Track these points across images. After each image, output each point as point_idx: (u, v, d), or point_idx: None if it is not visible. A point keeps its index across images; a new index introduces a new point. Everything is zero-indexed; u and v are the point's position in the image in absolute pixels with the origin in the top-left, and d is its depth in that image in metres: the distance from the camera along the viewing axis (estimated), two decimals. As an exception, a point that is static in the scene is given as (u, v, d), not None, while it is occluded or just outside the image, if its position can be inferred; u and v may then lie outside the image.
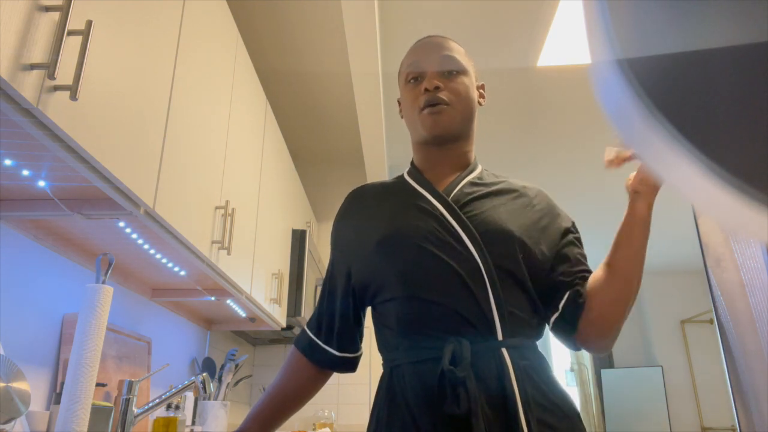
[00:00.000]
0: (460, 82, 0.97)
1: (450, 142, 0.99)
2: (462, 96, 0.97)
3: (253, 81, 2.08)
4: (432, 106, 0.94)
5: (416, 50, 1.01)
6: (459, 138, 0.99)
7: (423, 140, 0.99)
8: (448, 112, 0.95)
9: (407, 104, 1.00)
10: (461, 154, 1.00)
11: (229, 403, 2.33)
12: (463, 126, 0.98)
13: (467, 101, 0.97)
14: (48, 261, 1.38)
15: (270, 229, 2.33)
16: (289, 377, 1.01)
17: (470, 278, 0.85)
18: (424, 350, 0.85)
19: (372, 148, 2.89)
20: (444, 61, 0.97)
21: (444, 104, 0.95)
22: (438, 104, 0.94)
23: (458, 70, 0.98)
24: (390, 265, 0.91)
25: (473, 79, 1.01)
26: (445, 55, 0.98)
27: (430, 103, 0.94)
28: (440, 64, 0.97)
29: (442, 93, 0.95)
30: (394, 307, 0.90)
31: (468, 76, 0.99)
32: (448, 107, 0.95)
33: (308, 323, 1.06)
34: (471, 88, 0.99)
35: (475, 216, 0.91)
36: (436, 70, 0.97)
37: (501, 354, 0.82)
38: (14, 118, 0.82)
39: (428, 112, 0.95)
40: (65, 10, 0.84)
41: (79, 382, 1.14)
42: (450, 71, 0.97)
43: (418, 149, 1.02)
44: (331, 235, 1.07)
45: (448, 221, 0.90)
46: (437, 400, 0.80)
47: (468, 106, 0.98)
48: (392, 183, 1.04)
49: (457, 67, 0.97)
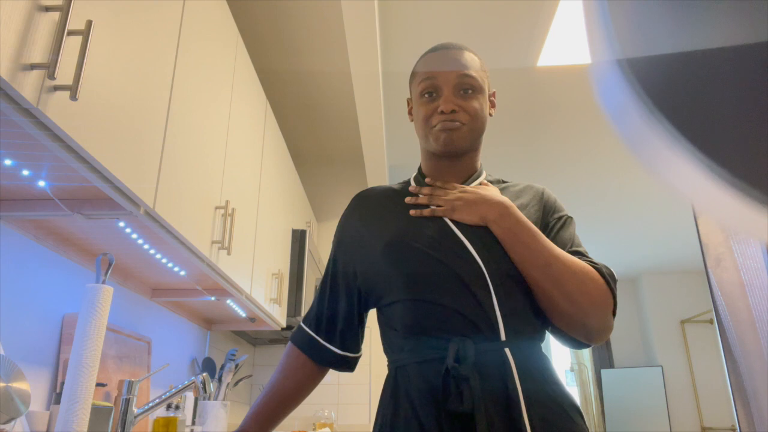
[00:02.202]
0: (476, 101, 0.96)
1: (459, 156, 1.01)
2: (477, 116, 0.97)
3: (253, 81, 2.08)
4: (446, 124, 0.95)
5: (433, 60, 0.99)
6: (469, 152, 1.01)
7: (433, 151, 1.01)
8: (462, 131, 0.96)
9: (420, 116, 1.00)
10: (469, 164, 1.02)
11: (229, 403, 2.33)
12: (473, 142, 0.99)
13: (481, 120, 0.98)
14: (48, 261, 1.38)
15: (270, 229, 2.33)
16: (287, 374, 1.02)
17: (473, 282, 0.87)
18: (429, 350, 0.86)
19: (372, 148, 2.89)
20: (462, 81, 0.96)
21: (459, 124, 0.95)
22: (453, 123, 0.95)
23: (474, 89, 0.97)
24: (395, 269, 0.92)
25: (487, 94, 1.01)
26: (464, 74, 0.96)
27: (446, 125, 0.95)
28: (458, 84, 0.96)
29: (458, 114, 0.95)
30: (399, 310, 0.91)
31: (483, 94, 0.98)
32: (462, 126, 0.95)
33: (305, 320, 1.06)
34: (485, 105, 0.99)
35: None
36: (452, 91, 0.96)
37: (504, 353, 0.84)
38: (14, 118, 0.82)
39: (441, 129, 0.96)
40: (65, 10, 0.84)
41: (79, 382, 1.14)
42: (467, 90, 0.96)
43: (427, 157, 1.04)
44: (335, 234, 1.08)
45: (451, 228, 0.93)
46: (441, 398, 0.82)
47: (481, 124, 0.99)
48: (399, 187, 1.06)
49: (474, 86, 0.96)
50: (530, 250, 0.87)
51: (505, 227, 0.89)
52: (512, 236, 0.89)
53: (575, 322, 0.87)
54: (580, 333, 0.89)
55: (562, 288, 0.86)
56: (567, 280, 0.86)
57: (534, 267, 0.87)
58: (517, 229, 0.89)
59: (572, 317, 0.87)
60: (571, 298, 0.85)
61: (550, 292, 0.86)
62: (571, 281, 0.86)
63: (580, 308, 0.86)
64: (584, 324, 0.87)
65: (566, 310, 0.86)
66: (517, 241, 0.88)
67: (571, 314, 0.86)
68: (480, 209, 0.91)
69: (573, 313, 0.86)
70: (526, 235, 0.88)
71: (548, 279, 0.86)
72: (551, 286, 0.86)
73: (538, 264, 0.87)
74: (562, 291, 0.86)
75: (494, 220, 0.90)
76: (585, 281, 0.86)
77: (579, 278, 0.86)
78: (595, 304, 0.86)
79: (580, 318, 0.86)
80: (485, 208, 0.91)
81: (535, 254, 0.87)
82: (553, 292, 0.86)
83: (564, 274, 0.86)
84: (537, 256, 0.87)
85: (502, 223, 0.89)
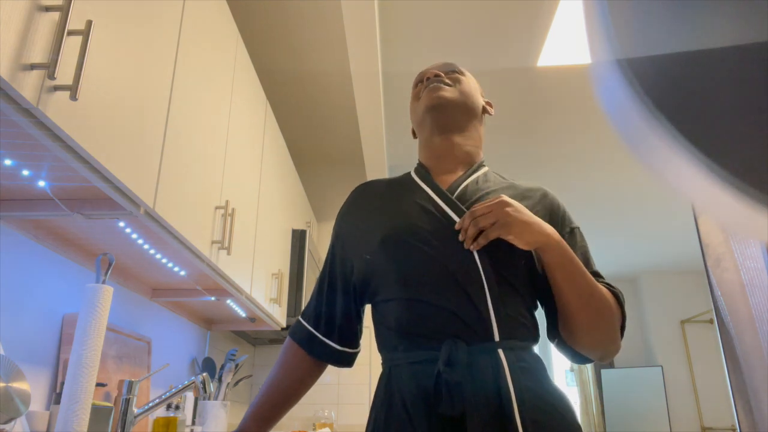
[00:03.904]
0: (464, 80, 1.04)
1: (451, 128, 1.01)
2: (463, 84, 1.03)
3: (253, 81, 2.08)
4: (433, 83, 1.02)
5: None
6: (460, 126, 1.02)
7: (424, 121, 1.03)
8: (448, 89, 1.01)
9: (413, 104, 1.06)
10: (465, 149, 1.02)
11: (229, 403, 2.33)
12: (463, 110, 1.02)
13: (468, 91, 1.03)
14: (48, 261, 1.38)
15: (270, 229, 2.33)
16: (286, 370, 1.01)
17: (468, 281, 0.86)
18: (422, 351, 0.86)
19: (372, 148, 2.89)
20: (448, 67, 1.05)
21: (445, 85, 1.02)
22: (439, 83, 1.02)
23: (460, 71, 1.05)
24: (390, 266, 0.92)
25: (476, 86, 1.08)
26: (450, 64, 1.06)
27: (433, 85, 1.02)
28: (444, 67, 1.06)
29: (444, 78, 1.02)
30: (393, 308, 0.91)
31: (470, 79, 1.06)
32: (448, 86, 1.02)
33: (303, 315, 1.05)
34: (473, 87, 1.05)
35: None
36: (439, 68, 1.05)
37: (497, 355, 0.83)
38: (14, 118, 0.82)
39: (429, 89, 1.01)
40: (65, 10, 0.84)
41: (79, 382, 1.14)
42: (452, 70, 1.05)
43: (423, 145, 1.05)
44: (333, 228, 1.07)
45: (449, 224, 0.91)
46: (433, 401, 0.81)
47: (469, 97, 1.03)
48: (398, 180, 1.06)
49: (461, 72, 1.05)
50: (579, 279, 0.87)
51: (561, 255, 0.87)
52: (566, 264, 0.87)
53: (599, 347, 0.90)
54: (597, 355, 0.92)
55: (603, 317, 0.88)
56: (605, 312, 0.88)
57: (579, 297, 0.87)
58: (569, 259, 0.88)
59: (600, 343, 0.90)
60: (604, 327, 0.88)
61: (593, 321, 0.88)
62: (607, 313, 0.88)
63: (607, 335, 0.89)
64: (606, 348, 0.90)
65: (599, 337, 0.89)
66: (568, 271, 0.87)
67: (599, 340, 0.89)
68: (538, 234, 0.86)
69: (600, 339, 0.89)
70: (576, 266, 0.88)
71: (590, 309, 0.87)
72: (594, 316, 0.88)
73: (583, 294, 0.87)
74: (603, 320, 0.88)
75: (552, 246, 0.87)
76: (612, 308, 0.90)
77: (610, 305, 0.89)
78: (617, 330, 0.90)
79: (605, 344, 0.89)
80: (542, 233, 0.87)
81: (581, 286, 0.87)
82: (597, 321, 0.88)
83: (603, 308, 0.88)
84: (583, 288, 0.87)
85: (559, 249, 0.87)
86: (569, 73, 2.75)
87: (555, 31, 2.42)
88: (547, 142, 3.41)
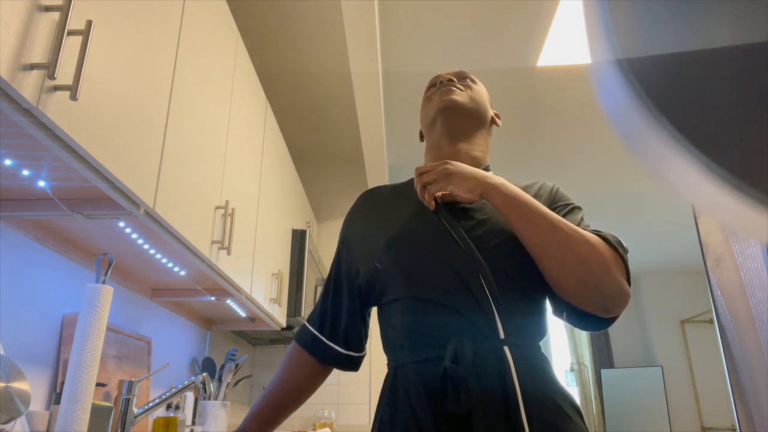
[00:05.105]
0: (475, 87, 1.06)
1: (459, 135, 1.02)
2: (474, 91, 1.05)
3: (253, 81, 2.08)
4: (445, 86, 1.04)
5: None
6: (468, 133, 1.02)
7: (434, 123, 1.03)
8: (460, 93, 1.03)
9: (424, 106, 1.08)
10: (471, 154, 1.02)
11: (229, 403, 2.33)
12: (473, 117, 1.03)
13: (479, 99, 1.05)
14: (48, 261, 1.38)
15: (270, 229, 2.33)
16: (289, 373, 1.01)
17: (472, 280, 0.86)
18: (427, 350, 0.86)
19: (372, 148, 2.89)
20: (461, 74, 1.08)
21: (457, 89, 1.03)
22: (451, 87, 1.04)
23: (472, 80, 1.07)
24: (395, 268, 0.92)
25: (487, 95, 1.10)
26: (463, 71, 1.09)
27: (445, 87, 1.03)
28: (458, 74, 1.08)
29: (456, 83, 1.04)
30: (398, 308, 0.91)
31: (481, 88, 1.08)
32: (461, 91, 1.03)
33: (309, 319, 1.06)
34: (484, 96, 1.08)
35: (480, 220, 0.94)
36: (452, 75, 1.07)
37: (503, 352, 0.83)
38: (14, 118, 0.82)
39: (441, 93, 1.03)
40: (65, 10, 0.84)
41: (79, 382, 1.14)
42: (465, 77, 1.07)
43: (430, 149, 1.06)
44: (340, 232, 1.08)
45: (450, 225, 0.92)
46: (439, 399, 0.81)
47: (479, 104, 1.04)
48: (403, 185, 1.07)
49: (473, 80, 1.07)
50: (533, 215, 0.85)
51: (507, 194, 0.86)
52: (513, 202, 0.85)
53: (589, 290, 0.83)
54: (596, 302, 0.85)
55: (572, 250, 0.82)
56: (576, 241, 0.83)
57: (540, 231, 0.84)
58: (517, 197, 0.86)
59: (585, 283, 0.83)
60: (582, 260, 0.82)
61: (560, 256, 0.83)
62: (579, 242, 0.83)
63: (591, 272, 0.82)
64: (599, 289, 0.83)
65: (578, 275, 0.82)
66: (519, 208, 0.85)
67: (584, 279, 0.82)
68: (477, 179, 0.87)
69: (585, 278, 0.82)
70: (528, 203, 0.86)
71: (556, 242, 0.83)
72: (560, 250, 0.83)
73: (543, 228, 0.84)
74: (572, 253, 0.82)
75: (494, 187, 0.86)
76: (593, 243, 0.84)
77: (587, 240, 0.84)
78: (605, 265, 0.83)
79: (593, 283, 0.82)
80: (482, 178, 0.88)
81: (539, 218, 0.84)
82: (565, 256, 0.83)
83: (571, 236, 0.83)
84: (541, 220, 0.84)
85: (503, 189, 0.86)
86: (569, 73, 2.75)
87: (555, 31, 2.42)
88: (547, 142, 3.41)
